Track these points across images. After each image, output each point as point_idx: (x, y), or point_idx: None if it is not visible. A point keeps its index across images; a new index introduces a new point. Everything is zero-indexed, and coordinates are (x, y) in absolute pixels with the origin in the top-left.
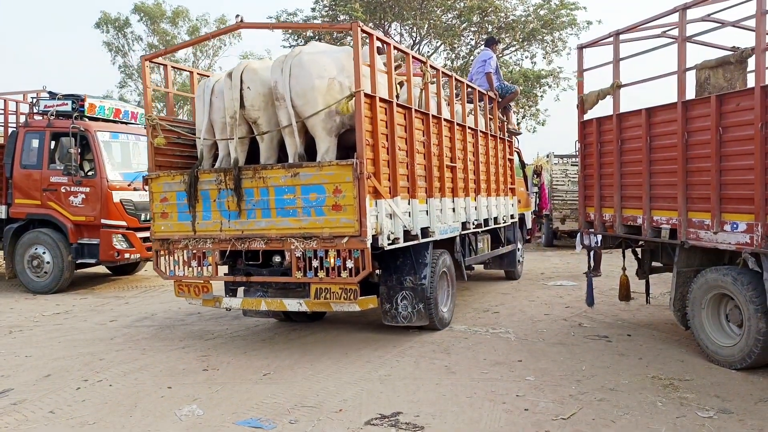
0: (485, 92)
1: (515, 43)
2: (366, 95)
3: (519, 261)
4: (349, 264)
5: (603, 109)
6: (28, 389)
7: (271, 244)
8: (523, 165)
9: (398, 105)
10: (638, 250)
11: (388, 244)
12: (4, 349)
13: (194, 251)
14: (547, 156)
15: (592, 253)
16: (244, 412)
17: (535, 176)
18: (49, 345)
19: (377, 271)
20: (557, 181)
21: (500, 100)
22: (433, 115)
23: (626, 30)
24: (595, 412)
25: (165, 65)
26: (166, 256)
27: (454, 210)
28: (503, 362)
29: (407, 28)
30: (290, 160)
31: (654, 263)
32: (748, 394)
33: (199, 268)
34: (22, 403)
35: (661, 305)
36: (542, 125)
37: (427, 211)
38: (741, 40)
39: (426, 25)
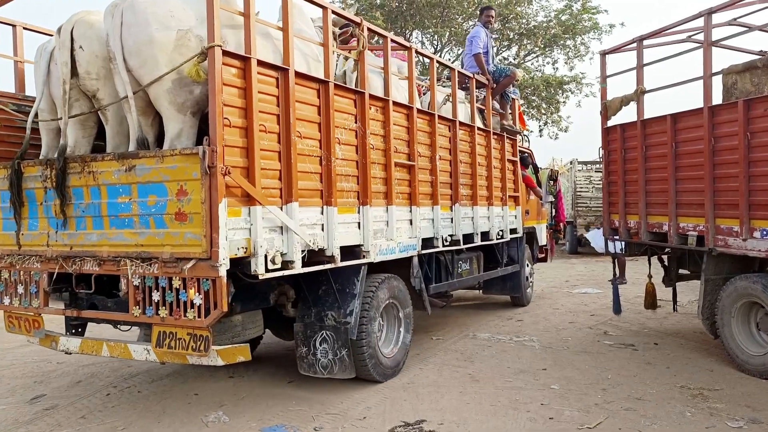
0: (471, 75)
1: (537, 49)
2: (231, 56)
3: (528, 284)
4: (198, 299)
5: (627, 115)
6: (60, 395)
7: (105, 267)
8: (536, 170)
9: (301, 76)
10: (664, 257)
11: (272, 270)
12: (37, 356)
13: (20, 272)
14: (571, 162)
15: (616, 260)
16: (270, 419)
17: (551, 183)
18: None
19: (289, 305)
20: (581, 187)
21: (494, 86)
22: (372, 96)
23: (650, 35)
24: (622, 421)
25: (14, 26)
26: None
27: (411, 222)
28: (527, 370)
29: (428, 36)
30: (130, 148)
31: (681, 271)
32: None
33: (27, 295)
34: (54, 409)
35: (689, 313)
36: (564, 132)
37: (359, 223)
38: None
39: (447, 33)
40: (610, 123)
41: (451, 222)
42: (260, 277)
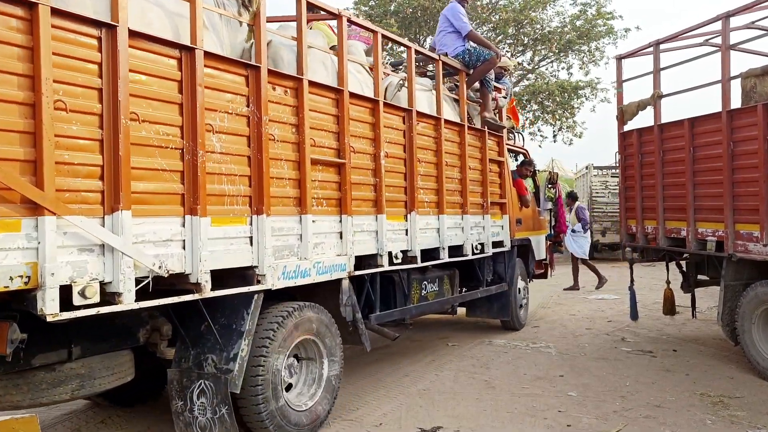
0: (437, 57)
1: (551, 54)
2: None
3: (520, 305)
4: None
5: (643, 120)
6: (79, 401)
7: None
8: (533, 173)
9: (141, 37)
10: (683, 263)
11: (82, 306)
12: None
13: None
14: (586, 167)
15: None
16: None
17: (549, 187)
18: None
19: (164, 345)
20: (597, 192)
21: (470, 72)
22: (275, 73)
23: (667, 39)
24: (641, 429)
25: None
26: None
27: (341, 236)
28: (544, 377)
29: None
30: None
31: (700, 276)
32: None
33: None
34: (74, 414)
35: (708, 320)
36: (579, 137)
37: (250, 238)
38: None
39: None
40: (626, 128)
41: (406, 234)
42: (49, 319)
